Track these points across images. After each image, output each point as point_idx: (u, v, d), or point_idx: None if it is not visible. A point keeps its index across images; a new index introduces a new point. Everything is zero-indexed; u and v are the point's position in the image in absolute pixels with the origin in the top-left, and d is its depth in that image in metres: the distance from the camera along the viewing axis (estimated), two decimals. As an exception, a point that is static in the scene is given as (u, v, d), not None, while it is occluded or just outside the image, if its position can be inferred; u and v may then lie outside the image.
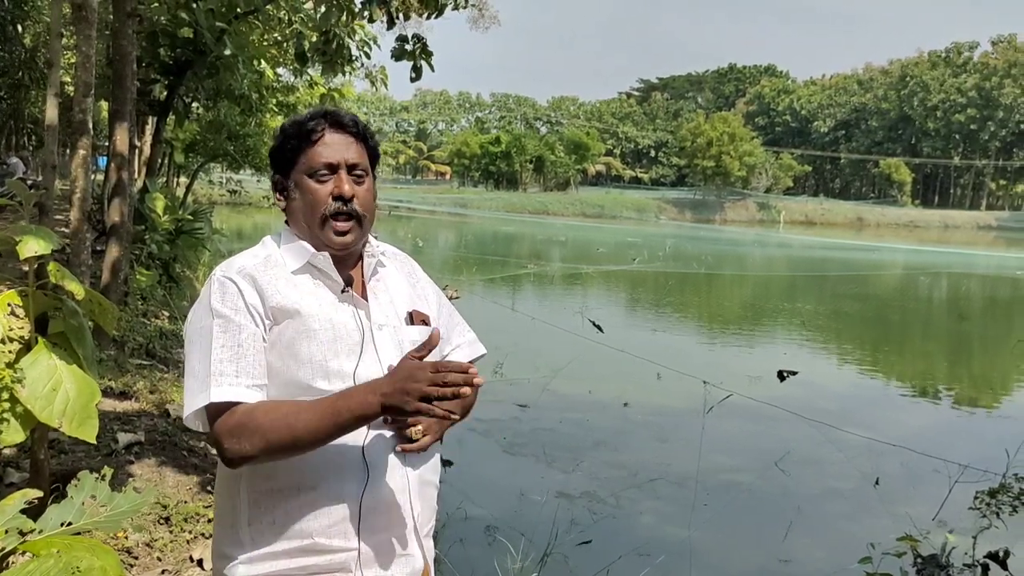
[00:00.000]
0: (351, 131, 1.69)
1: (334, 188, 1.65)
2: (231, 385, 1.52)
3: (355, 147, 1.69)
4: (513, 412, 8.38)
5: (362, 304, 1.67)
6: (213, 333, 1.56)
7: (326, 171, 1.65)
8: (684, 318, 17.45)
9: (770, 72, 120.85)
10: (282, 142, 1.70)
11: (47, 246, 2.62)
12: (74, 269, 6.15)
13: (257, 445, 1.49)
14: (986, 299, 24.39)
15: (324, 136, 1.66)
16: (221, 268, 1.64)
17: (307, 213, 1.66)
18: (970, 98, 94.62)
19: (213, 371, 1.53)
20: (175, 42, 10.84)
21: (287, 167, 1.70)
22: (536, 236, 43.62)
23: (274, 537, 1.57)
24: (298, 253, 1.67)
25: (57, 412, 2.53)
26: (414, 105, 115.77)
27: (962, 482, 6.49)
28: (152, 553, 3.61)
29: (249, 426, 1.49)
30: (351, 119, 1.70)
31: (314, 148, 1.66)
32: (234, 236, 24.88)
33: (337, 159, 1.66)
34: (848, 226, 76.94)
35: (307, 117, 1.69)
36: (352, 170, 1.67)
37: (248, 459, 1.51)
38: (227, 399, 1.51)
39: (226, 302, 1.58)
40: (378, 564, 1.59)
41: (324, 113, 1.69)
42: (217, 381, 1.52)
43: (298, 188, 1.68)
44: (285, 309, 1.59)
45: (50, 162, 6.67)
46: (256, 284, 1.60)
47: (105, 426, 4.77)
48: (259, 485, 1.58)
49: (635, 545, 5.44)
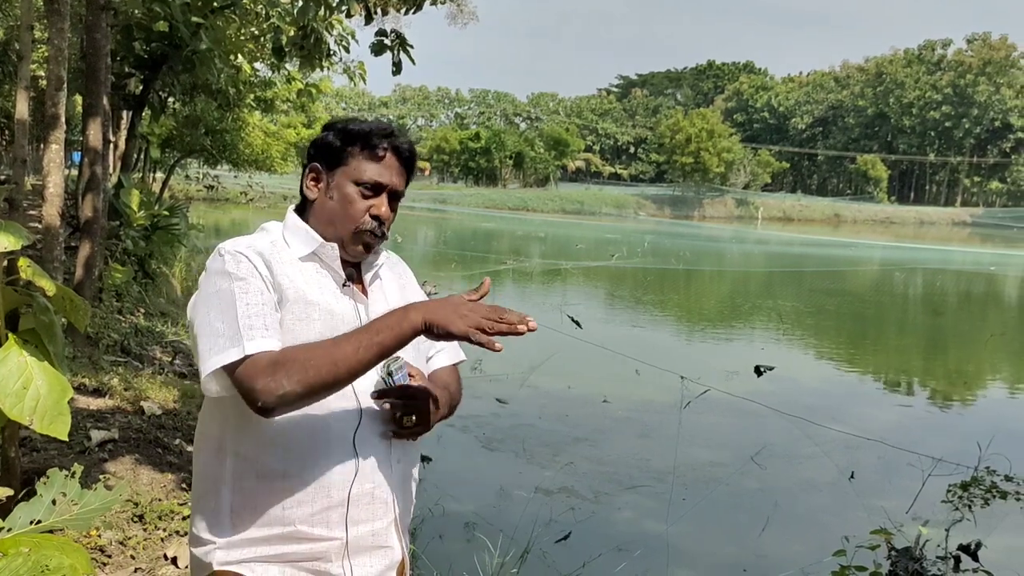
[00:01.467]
0: (405, 161, 1.72)
1: (374, 208, 1.67)
2: (263, 338, 1.51)
3: (401, 176, 1.72)
4: (492, 408, 8.38)
5: (362, 299, 1.70)
6: (235, 294, 1.55)
7: (372, 189, 1.68)
8: (663, 314, 17.53)
9: (748, 69, 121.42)
10: (343, 141, 1.70)
11: (17, 241, 2.58)
12: (46, 265, 6.07)
13: (297, 379, 1.46)
14: (960, 294, 24.68)
15: (386, 156, 1.69)
16: (228, 244, 1.64)
17: (340, 217, 1.68)
18: (945, 95, 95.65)
19: (243, 325, 1.51)
20: (150, 36, 10.74)
21: (334, 164, 1.70)
22: (515, 232, 43.61)
23: (255, 523, 1.57)
24: (305, 240, 1.68)
25: (28, 409, 2.50)
26: (393, 101, 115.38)
27: (935, 475, 6.57)
28: (125, 551, 3.57)
29: (286, 363, 1.47)
30: (409, 149, 1.73)
31: (371, 163, 1.68)
32: (211, 232, 24.67)
33: (387, 181, 1.69)
34: (825, 222, 77.53)
35: (374, 130, 1.70)
36: (392, 197, 1.71)
37: (285, 398, 1.47)
38: (264, 349, 1.50)
39: (241, 268, 1.58)
40: (359, 555, 1.60)
41: (391, 133, 1.72)
42: (249, 335, 1.50)
43: (339, 190, 1.69)
44: (288, 291, 1.60)
45: (21, 157, 6.58)
46: (264, 259, 1.61)
47: (78, 423, 4.71)
48: (244, 470, 1.58)
49: (614, 540, 5.46)
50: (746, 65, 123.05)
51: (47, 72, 6.54)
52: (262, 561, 1.57)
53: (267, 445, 1.56)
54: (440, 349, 1.88)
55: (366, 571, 1.61)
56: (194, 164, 25.45)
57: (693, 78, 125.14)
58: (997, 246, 48.14)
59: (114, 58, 9.31)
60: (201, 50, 10.52)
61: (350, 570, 1.59)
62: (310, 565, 1.57)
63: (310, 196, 1.73)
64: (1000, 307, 22.02)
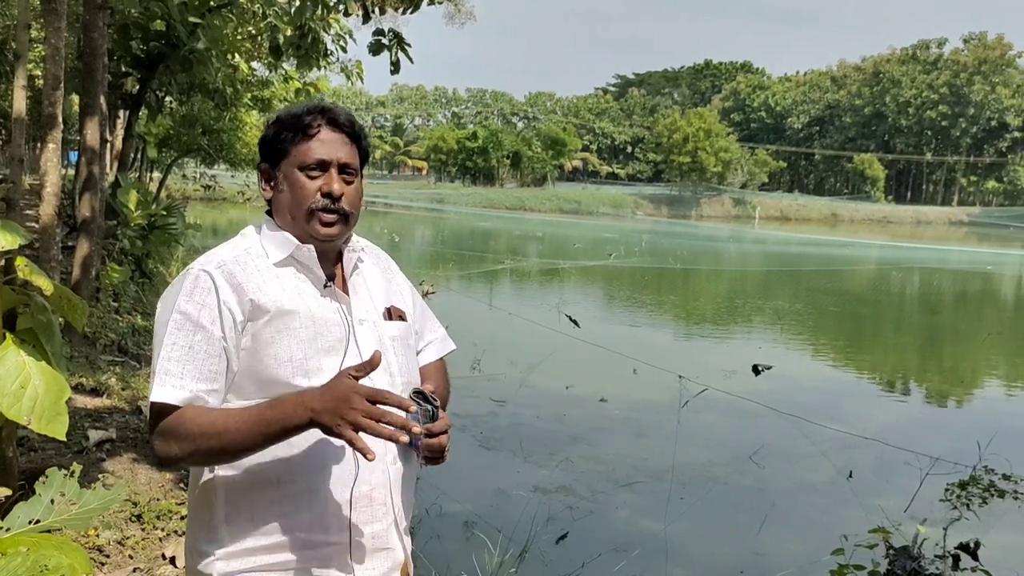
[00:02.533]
0: (346, 130, 1.68)
1: (323, 185, 1.63)
2: (173, 387, 1.51)
3: (348, 147, 1.67)
4: (490, 407, 8.37)
5: (344, 299, 1.66)
6: (168, 329, 1.54)
7: (317, 167, 1.64)
8: (660, 313, 17.53)
9: (746, 69, 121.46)
10: (276, 132, 1.67)
11: (15, 240, 2.58)
12: (43, 265, 6.06)
13: (185, 449, 1.49)
14: (957, 294, 24.71)
15: (320, 132, 1.64)
16: (200, 261, 1.62)
17: (294, 206, 1.64)
18: (942, 95, 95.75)
19: (159, 369, 1.52)
20: (147, 35, 10.72)
21: (277, 158, 1.67)
22: (513, 232, 43.59)
23: (253, 532, 1.55)
24: (281, 244, 1.64)
25: (26, 409, 2.49)
26: (390, 100, 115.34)
27: (933, 474, 6.57)
28: (124, 551, 3.57)
29: (179, 430, 1.49)
30: (347, 118, 1.69)
31: (308, 143, 1.64)
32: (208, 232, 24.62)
33: (330, 157, 1.64)
34: (822, 222, 77.58)
35: (304, 110, 1.67)
36: (343, 170, 1.65)
37: (176, 461, 1.52)
38: (165, 400, 1.50)
39: (193, 298, 1.56)
40: (361, 558, 1.59)
41: (322, 109, 1.67)
42: (161, 380, 1.51)
43: (287, 180, 1.65)
44: (265, 305, 1.57)
45: (18, 156, 6.57)
46: (235, 280, 1.57)
47: (76, 423, 4.71)
48: (236, 480, 1.56)
49: (612, 540, 5.46)
50: (743, 65, 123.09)
51: (44, 71, 6.53)
52: (263, 570, 1.56)
53: (259, 455, 1.53)
54: (429, 342, 1.88)
55: (370, 574, 1.60)
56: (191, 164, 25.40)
57: (690, 77, 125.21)
58: (994, 245, 48.20)
59: (111, 57, 9.29)
60: (198, 49, 10.50)
61: (353, 573, 1.57)
62: (312, 571, 1.56)
63: (267, 197, 1.71)
64: (997, 306, 22.05)
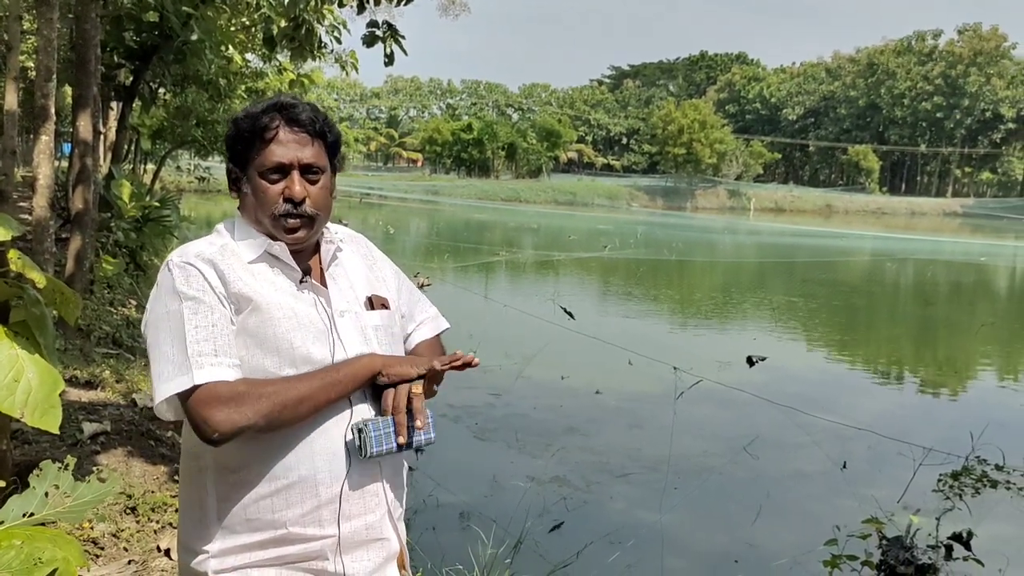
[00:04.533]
0: (308, 129, 1.61)
1: (285, 189, 1.59)
2: (212, 365, 1.48)
3: (310, 146, 1.61)
4: (486, 399, 8.39)
5: (322, 292, 1.64)
6: (184, 316, 1.51)
7: (277, 173, 1.59)
8: (655, 305, 17.55)
9: (741, 60, 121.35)
10: (235, 135, 1.62)
11: (7, 233, 2.57)
12: (37, 257, 6.04)
13: (263, 413, 1.46)
14: (951, 285, 24.78)
15: (278, 134, 1.59)
16: (176, 253, 1.60)
17: (259, 211, 1.61)
18: (936, 86, 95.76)
19: (191, 352, 1.48)
20: (140, 26, 10.66)
21: (243, 160, 1.63)
22: (508, 224, 43.57)
23: (245, 529, 1.55)
24: (254, 243, 1.62)
25: (19, 402, 2.48)
26: (385, 92, 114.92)
27: (926, 465, 6.60)
28: (118, 543, 3.57)
29: (252, 396, 1.46)
30: (308, 116, 1.61)
31: (267, 147, 1.59)
32: (202, 224, 24.58)
33: (289, 159, 1.59)
34: (817, 213, 77.68)
35: (261, 110, 1.61)
36: (306, 171, 1.61)
37: (244, 430, 1.46)
38: (213, 379, 1.47)
39: (191, 284, 1.54)
40: (355, 550, 1.58)
41: (279, 106, 1.61)
42: (198, 363, 1.47)
43: (250, 184, 1.62)
44: (246, 297, 1.55)
45: (10, 148, 6.55)
46: (218, 268, 1.56)
47: (70, 416, 4.70)
48: (227, 477, 1.55)
49: (607, 530, 5.48)
50: (738, 56, 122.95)
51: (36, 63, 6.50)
52: (257, 566, 1.55)
53: (248, 451, 1.53)
54: (421, 322, 1.85)
55: (364, 565, 1.59)
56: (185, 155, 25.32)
57: (685, 69, 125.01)
58: (987, 236, 48.29)
59: (104, 49, 9.23)
60: (192, 41, 10.47)
61: (343, 566, 1.57)
62: (307, 565, 1.56)
63: (236, 199, 1.68)
64: (990, 297, 22.11)
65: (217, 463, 1.55)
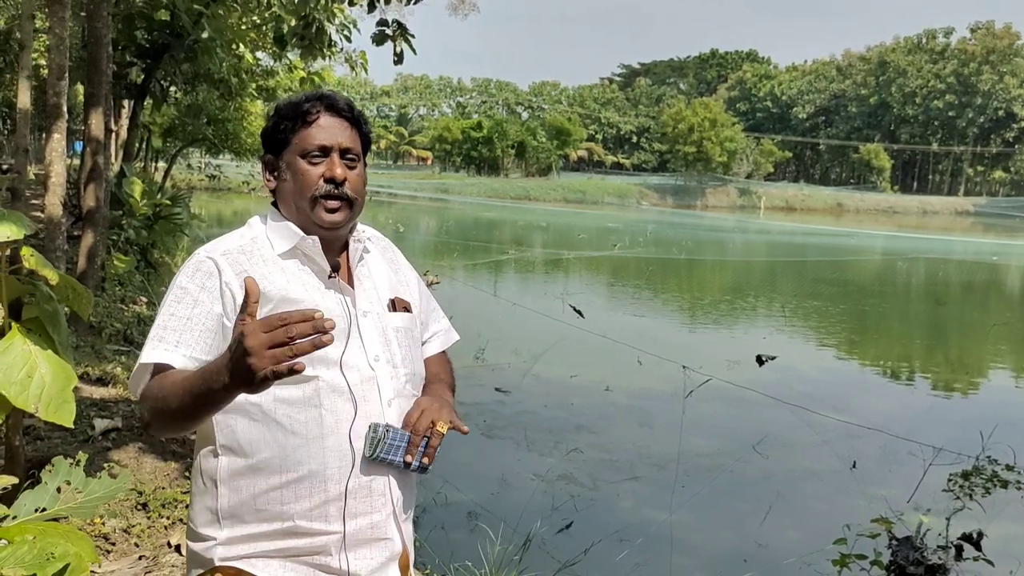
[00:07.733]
0: (346, 116, 1.68)
1: (326, 170, 1.63)
2: (165, 350, 1.52)
3: (349, 132, 1.67)
4: (495, 397, 8.39)
5: (348, 291, 1.66)
6: (168, 302, 1.58)
7: (319, 153, 1.64)
8: (665, 303, 17.52)
9: (752, 58, 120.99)
10: (276, 122, 1.68)
11: (20, 231, 2.59)
12: (49, 255, 6.08)
13: (146, 409, 1.52)
14: (963, 284, 24.64)
15: (319, 119, 1.65)
16: (205, 248, 1.65)
17: (298, 194, 1.64)
18: (948, 84, 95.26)
19: (153, 335, 1.54)
20: (152, 25, 10.72)
21: (279, 147, 1.68)
22: (517, 222, 43.55)
23: (253, 519, 1.57)
24: (286, 235, 1.65)
25: (32, 397, 2.51)
26: (395, 90, 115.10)
27: (937, 465, 6.58)
28: (129, 539, 3.59)
29: (148, 391, 1.52)
30: (346, 104, 1.69)
31: (308, 130, 1.65)
32: (213, 222, 24.68)
33: (331, 142, 1.64)
34: (828, 212, 77.38)
35: (303, 98, 1.68)
36: (345, 154, 1.66)
37: (147, 426, 1.54)
38: (156, 360, 1.52)
39: (194, 278, 1.59)
40: (359, 547, 1.59)
41: (320, 96, 1.68)
42: (153, 345, 1.53)
43: (289, 169, 1.66)
44: (269, 294, 1.57)
45: (23, 146, 6.59)
46: (240, 267, 1.59)
47: (82, 412, 4.73)
48: (238, 466, 1.57)
49: (616, 528, 5.47)
50: (749, 54, 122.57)
51: (49, 61, 6.53)
52: (263, 556, 1.57)
53: (260, 442, 1.55)
54: (434, 333, 1.88)
55: (367, 563, 1.60)
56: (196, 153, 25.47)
57: (696, 67, 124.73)
58: (1000, 235, 48.02)
59: (115, 47, 9.28)
60: (203, 39, 10.51)
61: (347, 563, 1.58)
62: (311, 559, 1.57)
63: (271, 188, 1.72)
64: (1002, 296, 21.98)
65: (230, 449, 1.58)
